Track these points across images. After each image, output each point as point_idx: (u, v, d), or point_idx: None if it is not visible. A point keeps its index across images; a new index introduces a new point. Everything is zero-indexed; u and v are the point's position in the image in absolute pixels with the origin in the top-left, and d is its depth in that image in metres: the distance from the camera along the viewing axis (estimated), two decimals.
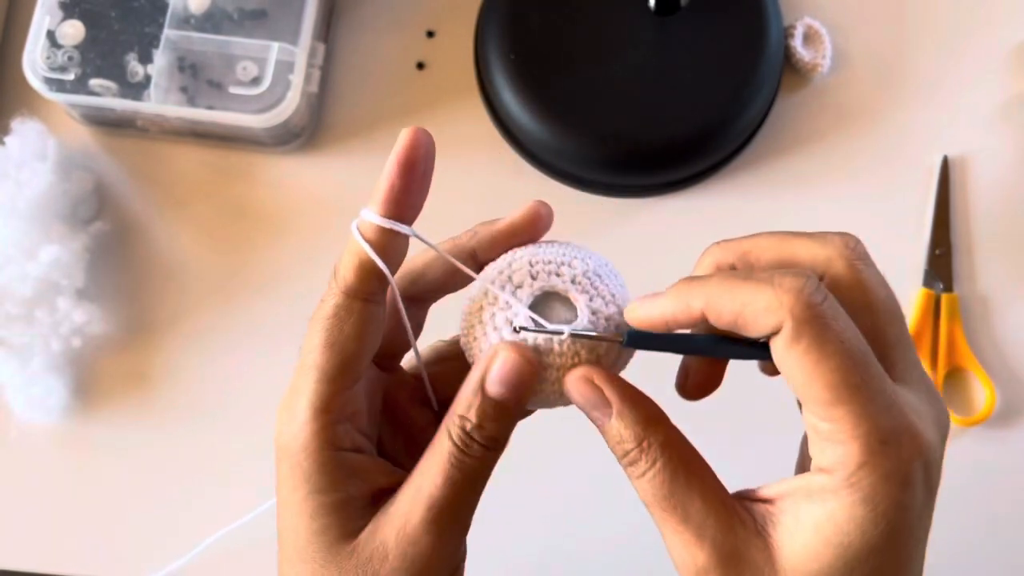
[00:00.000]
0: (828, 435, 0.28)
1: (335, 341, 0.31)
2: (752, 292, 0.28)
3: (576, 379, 0.31)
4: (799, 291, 0.28)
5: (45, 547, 0.56)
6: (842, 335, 0.28)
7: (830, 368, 0.27)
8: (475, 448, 0.30)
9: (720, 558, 0.29)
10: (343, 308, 0.31)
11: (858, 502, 0.28)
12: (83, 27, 0.56)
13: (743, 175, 0.60)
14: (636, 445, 0.30)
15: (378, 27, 0.62)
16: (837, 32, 0.61)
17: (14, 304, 0.55)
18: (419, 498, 0.30)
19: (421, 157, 0.30)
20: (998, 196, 0.60)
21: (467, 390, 0.31)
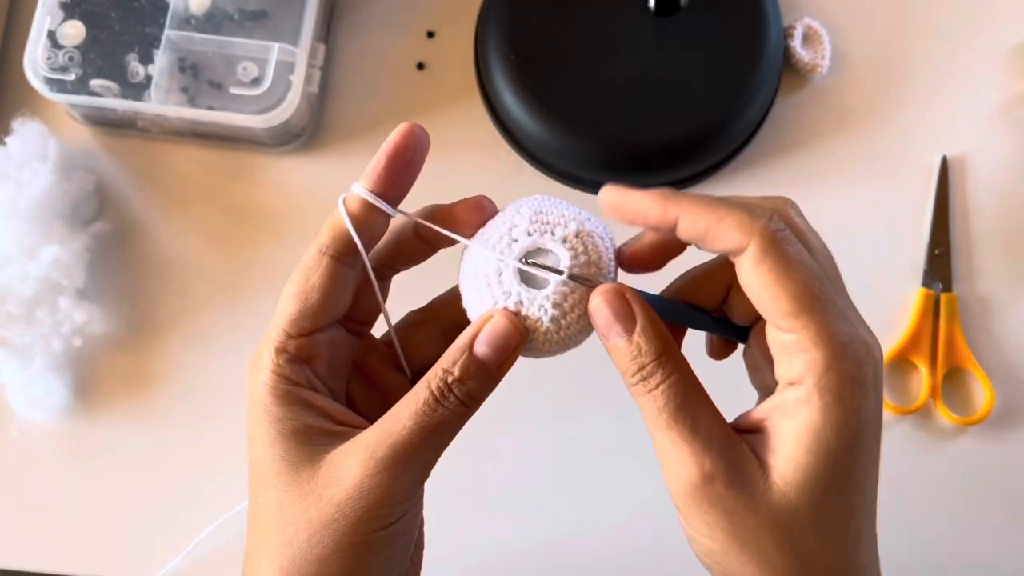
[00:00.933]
0: (794, 345, 0.31)
1: (301, 291, 0.34)
2: (726, 210, 0.32)
3: (609, 290, 0.33)
4: (766, 217, 0.32)
5: (45, 547, 0.56)
6: (800, 255, 0.32)
7: (793, 282, 0.31)
8: (451, 400, 0.32)
9: (725, 467, 0.31)
10: (314, 261, 0.34)
11: (830, 404, 0.31)
12: (84, 27, 0.56)
13: (743, 175, 0.60)
14: (655, 359, 0.32)
15: (378, 27, 0.62)
16: (836, 32, 0.61)
17: (15, 304, 0.55)
18: (386, 436, 0.32)
19: (411, 147, 0.34)
20: (997, 196, 0.60)
21: (456, 346, 0.33)
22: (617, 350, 0.33)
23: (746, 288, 0.32)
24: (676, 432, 0.31)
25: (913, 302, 0.58)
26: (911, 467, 0.56)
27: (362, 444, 0.32)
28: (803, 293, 0.31)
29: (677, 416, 0.31)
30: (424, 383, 0.33)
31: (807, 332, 0.31)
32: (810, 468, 0.31)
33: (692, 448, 0.31)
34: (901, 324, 0.58)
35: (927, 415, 0.57)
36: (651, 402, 0.32)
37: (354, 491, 0.32)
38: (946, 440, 0.57)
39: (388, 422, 0.32)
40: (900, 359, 0.57)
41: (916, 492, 0.56)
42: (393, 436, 0.32)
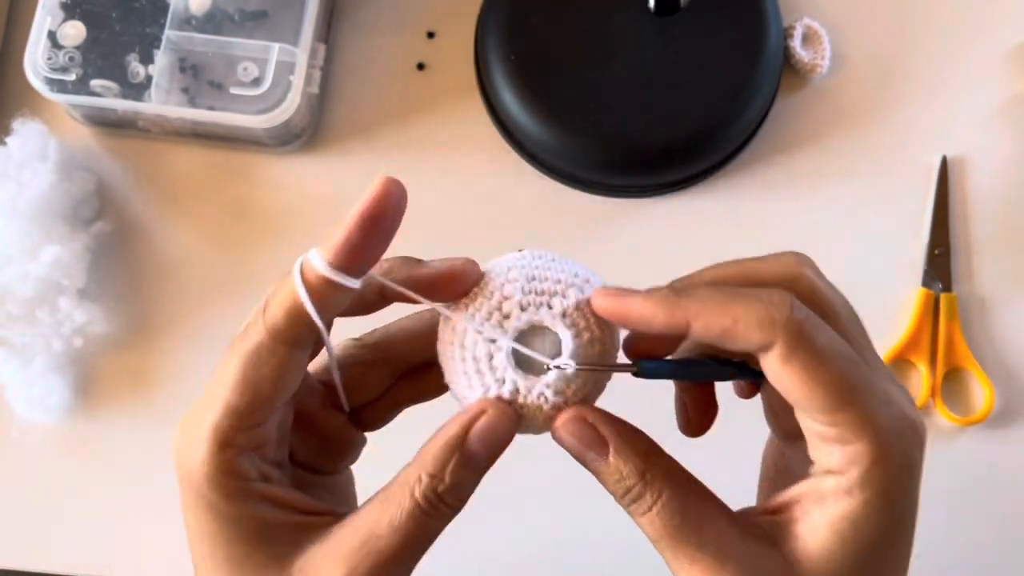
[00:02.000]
0: (835, 437, 0.28)
1: (250, 380, 0.29)
2: (744, 308, 0.28)
3: (569, 420, 0.30)
4: (789, 308, 0.28)
5: (46, 546, 0.56)
6: (832, 344, 0.28)
7: (829, 376, 0.28)
8: (443, 509, 0.29)
9: (734, 570, 0.28)
10: (265, 349, 0.29)
11: (873, 497, 0.28)
12: (84, 28, 0.56)
13: (743, 175, 0.60)
14: (639, 479, 0.29)
15: (379, 28, 0.62)
16: (836, 33, 0.61)
17: (15, 304, 0.55)
18: (370, 547, 0.29)
19: (389, 211, 0.29)
20: (997, 196, 0.60)
21: (441, 446, 0.29)
22: (599, 474, 0.30)
23: (777, 385, 0.29)
24: (683, 554, 0.29)
25: (913, 302, 0.58)
26: None
27: (340, 553, 0.29)
28: (841, 387, 0.28)
29: (679, 537, 0.29)
30: (406, 488, 0.29)
31: (851, 425, 0.28)
32: (846, 562, 0.29)
33: (702, 567, 0.28)
34: (901, 324, 0.58)
35: (927, 415, 0.57)
36: (648, 526, 0.29)
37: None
38: (946, 440, 0.57)
39: (367, 528, 0.29)
40: (900, 359, 0.57)
41: None
42: (375, 548, 0.29)
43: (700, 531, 0.29)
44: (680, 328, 0.29)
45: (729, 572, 0.28)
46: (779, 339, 0.28)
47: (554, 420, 0.30)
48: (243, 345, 0.29)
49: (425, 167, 0.60)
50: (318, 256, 0.29)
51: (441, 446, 0.29)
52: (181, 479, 0.31)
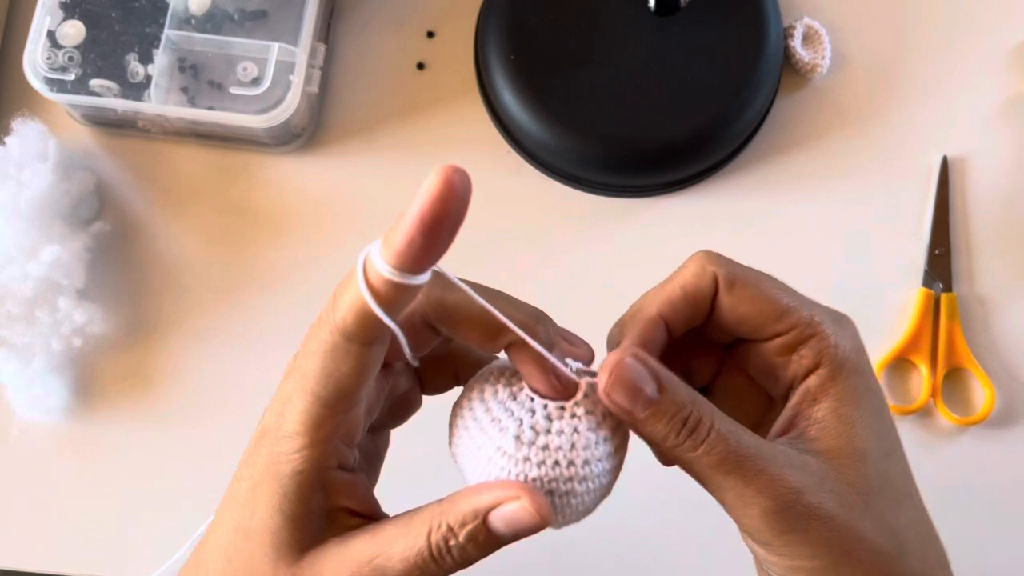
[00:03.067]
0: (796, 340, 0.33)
1: (331, 374, 0.29)
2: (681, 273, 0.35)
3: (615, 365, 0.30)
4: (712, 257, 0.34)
5: (46, 547, 0.56)
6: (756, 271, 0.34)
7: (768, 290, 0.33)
8: (448, 562, 0.30)
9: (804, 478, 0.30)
10: (341, 349, 0.29)
11: (851, 374, 0.32)
12: (84, 27, 0.56)
13: (743, 175, 0.60)
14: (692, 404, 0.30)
15: (378, 27, 0.62)
16: (836, 32, 0.61)
17: (15, 304, 0.55)
18: (377, 568, 0.30)
19: (452, 211, 0.26)
20: (998, 196, 0.60)
21: (469, 508, 0.30)
22: (656, 410, 0.30)
23: (733, 318, 0.33)
24: (748, 469, 0.30)
25: (913, 302, 0.58)
26: (911, 467, 0.56)
27: (349, 562, 0.30)
28: (780, 296, 0.33)
29: (741, 456, 0.30)
30: (424, 528, 0.30)
31: (802, 324, 0.32)
32: (863, 434, 0.31)
33: (768, 477, 0.30)
34: (901, 324, 0.58)
35: (927, 415, 0.57)
36: (707, 455, 0.30)
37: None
38: (946, 440, 0.57)
39: (381, 548, 0.30)
40: (900, 359, 0.57)
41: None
42: (381, 571, 0.30)
43: (758, 447, 0.30)
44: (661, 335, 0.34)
45: (792, 475, 0.30)
46: (720, 276, 0.33)
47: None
48: (318, 343, 0.30)
49: (425, 167, 0.60)
50: (380, 259, 0.27)
51: (469, 509, 0.30)
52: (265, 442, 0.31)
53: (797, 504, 0.30)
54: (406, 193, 0.64)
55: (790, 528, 0.30)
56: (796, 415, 0.33)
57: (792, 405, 0.33)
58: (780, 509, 0.30)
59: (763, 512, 0.30)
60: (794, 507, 0.30)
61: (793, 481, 0.30)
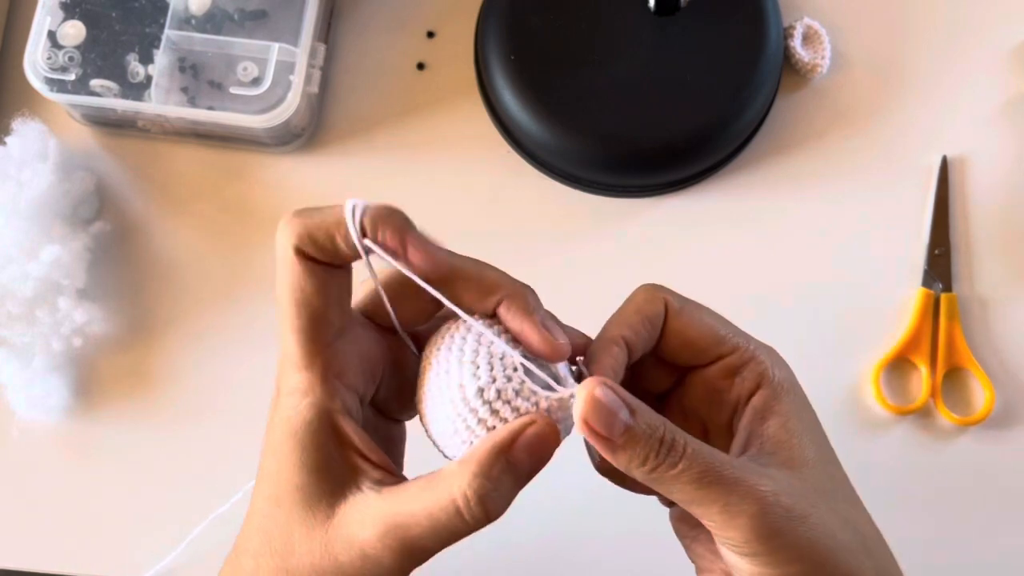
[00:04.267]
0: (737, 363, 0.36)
1: (299, 299, 0.33)
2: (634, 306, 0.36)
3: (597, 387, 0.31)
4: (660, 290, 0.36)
5: (46, 546, 0.56)
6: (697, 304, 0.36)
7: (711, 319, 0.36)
8: (477, 512, 0.31)
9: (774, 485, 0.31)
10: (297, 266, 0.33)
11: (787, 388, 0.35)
12: (84, 27, 0.56)
13: (743, 175, 0.60)
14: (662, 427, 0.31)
15: (378, 28, 0.62)
16: (836, 32, 0.61)
17: (15, 304, 0.55)
18: (402, 525, 0.31)
19: None
20: (997, 196, 0.60)
21: (488, 449, 0.31)
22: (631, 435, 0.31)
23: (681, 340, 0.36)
24: (727, 479, 0.31)
25: (913, 302, 0.58)
26: (911, 467, 0.56)
27: (375, 519, 0.31)
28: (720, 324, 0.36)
29: (716, 473, 0.31)
30: (450, 483, 0.31)
31: (742, 348, 0.36)
32: (811, 447, 0.34)
33: (747, 485, 0.31)
34: (901, 324, 0.58)
35: (927, 415, 0.57)
36: (685, 474, 0.31)
37: (357, 560, 0.31)
38: (946, 440, 0.57)
39: (406, 507, 0.31)
40: (900, 359, 0.57)
41: (916, 492, 0.56)
42: (406, 529, 0.31)
43: (730, 460, 0.31)
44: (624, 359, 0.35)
45: (766, 484, 0.31)
46: (668, 302, 0.36)
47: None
48: (279, 266, 0.34)
49: (425, 167, 0.60)
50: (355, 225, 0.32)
51: (488, 449, 0.31)
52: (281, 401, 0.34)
53: (778, 506, 0.31)
54: (406, 193, 0.64)
55: (776, 532, 0.31)
56: (750, 435, 0.35)
57: (744, 426, 0.35)
58: (765, 513, 0.30)
59: (750, 519, 0.30)
60: (776, 509, 0.31)
61: (769, 487, 0.31)
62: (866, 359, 0.57)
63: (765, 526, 0.31)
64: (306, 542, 0.32)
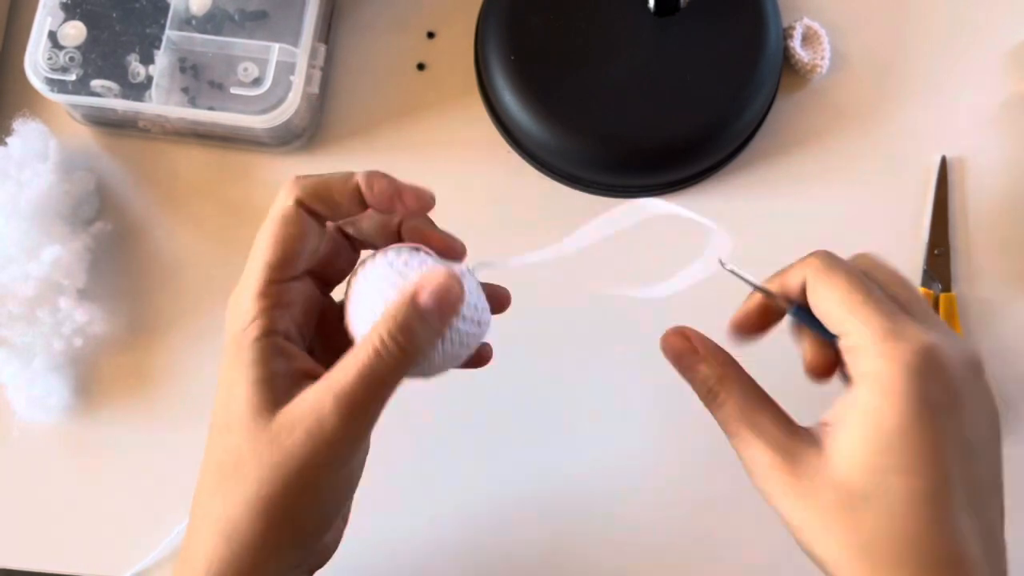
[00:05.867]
0: (847, 346, 0.36)
1: (279, 238, 0.37)
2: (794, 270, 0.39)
3: (672, 334, 0.39)
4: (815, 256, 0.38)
5: (46, 546, 0.56)
6: (844, 271, 0.37)
7: (838, 292, 0.36)
8: (392, 348, 0.35)
9: (783, 456, 0.36)
10: (290, 211, 0.37)
11: (873, 389, 0.34)
12: (85, 28, 0.56)
13: (742, 175, 0.60)
14: (717, 382, 0.38)
15: (379, 28, 0.62)
16: (836, 33, 0.62)
17: (16, 304, 0.55)
18: (332, 386, 0.34)
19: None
20: (997, 196, 0.60)
21: (399, 300, 0.35)
22: (691, 374, 0.39)
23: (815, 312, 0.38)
24: (742, 435, 0.37)
25: None
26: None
27: (312, 395, 0.35)
28: (846, 298, 0.36)
29: (742, 422, 0.37)
30: (369, 335, 0.35)
31: (854, 330, 0.36)
32: (863, 450, 0.34)
33: (756, 444, 0.36)
34: None
35: None
36: (722, 414, 0.38)
37: (302, 437, 0.34)
38: None
39: (336, 373, 0.35)
40: None
41: None
42: (339, 387, 0.34)
43: (757, 421, 0.37)
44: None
45: (771, 451, 0.36)
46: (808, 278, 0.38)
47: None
48: (272, 215, 0.38)
49: (425, 167, 0.60)
50: None
51: (398, 300, 0.36)
52: (228, 336, 0.37)
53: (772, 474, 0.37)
54: None
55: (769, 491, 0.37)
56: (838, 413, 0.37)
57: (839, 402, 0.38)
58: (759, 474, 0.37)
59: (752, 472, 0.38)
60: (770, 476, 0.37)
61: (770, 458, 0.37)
62: None
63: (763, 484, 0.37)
64: (254, 448, 0.34)
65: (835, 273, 0.37)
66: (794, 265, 0.39)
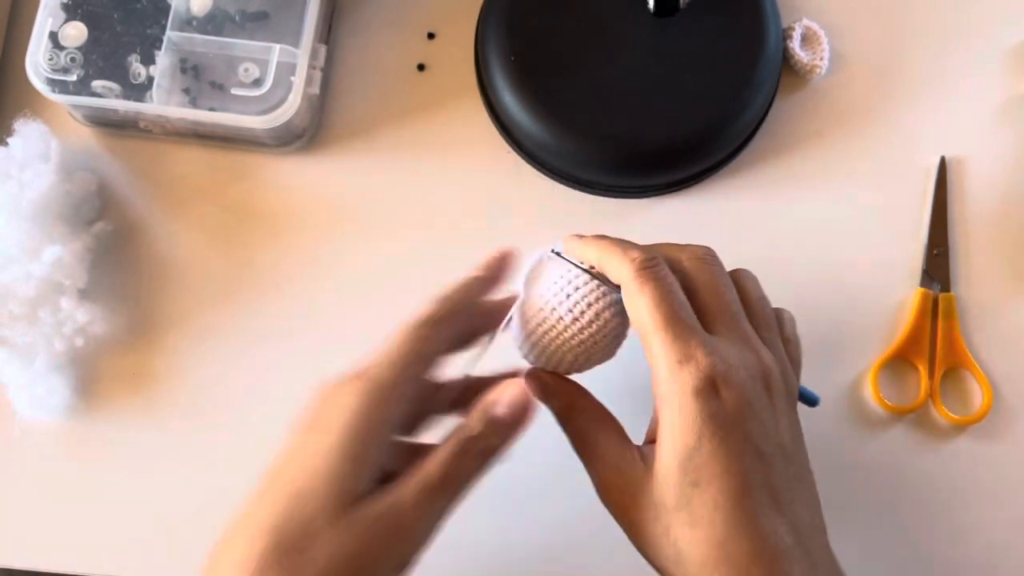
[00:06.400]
0: (651, 364, 0.38)
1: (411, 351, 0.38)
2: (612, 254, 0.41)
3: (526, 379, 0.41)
4: (635, 259, 0.40)
5: (47, 545, 0.56)
6: (654, 282, 0.39)
7: (644, 308, 0.38)
8: (473, 451, 0.38)
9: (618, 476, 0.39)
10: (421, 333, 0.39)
11: (671, 410, 0.37)
12: (85, 28, 0.56)
13: (742, 176, 0.60)
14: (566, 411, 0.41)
15: (379, 29, 0.62)
16: (835, 33, 0.62)
17: (17, 304, 0.55)
18: (416, 479, 0.36)
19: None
20: (996, 196, 0.60)
21: (480, 406, 0.39)
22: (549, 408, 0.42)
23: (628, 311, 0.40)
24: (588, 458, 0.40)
25: (911, 302, 0.58)
26: (909, 466, 0.56)
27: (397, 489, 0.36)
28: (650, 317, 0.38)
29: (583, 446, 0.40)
30: (455, 434, 0.38)
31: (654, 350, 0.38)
32: (669, 466, 0.37)
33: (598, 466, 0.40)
34: (899, 324, 0.58)
35: (925, 415, 0.57)
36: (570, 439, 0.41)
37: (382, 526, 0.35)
38: (944, 439, 0.57)
39: (423, 466, 0.37)
40: (898, 359, 0.58)
41: (914, 491, 0.56)
42: (422, 480, 0.36)
43: (595, 445, 0.40)
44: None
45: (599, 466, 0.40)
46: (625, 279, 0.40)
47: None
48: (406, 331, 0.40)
49: (425, 167, 0.60)
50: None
51: (478, 409, 0.39)
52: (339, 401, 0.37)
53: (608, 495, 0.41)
54: (406, 193, 0.64)
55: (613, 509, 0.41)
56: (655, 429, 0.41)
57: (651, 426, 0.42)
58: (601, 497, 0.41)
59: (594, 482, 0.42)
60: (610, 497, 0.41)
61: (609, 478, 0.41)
62: (864, 359, 0.58)
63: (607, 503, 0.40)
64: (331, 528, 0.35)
65: (646, 284, 0.39)
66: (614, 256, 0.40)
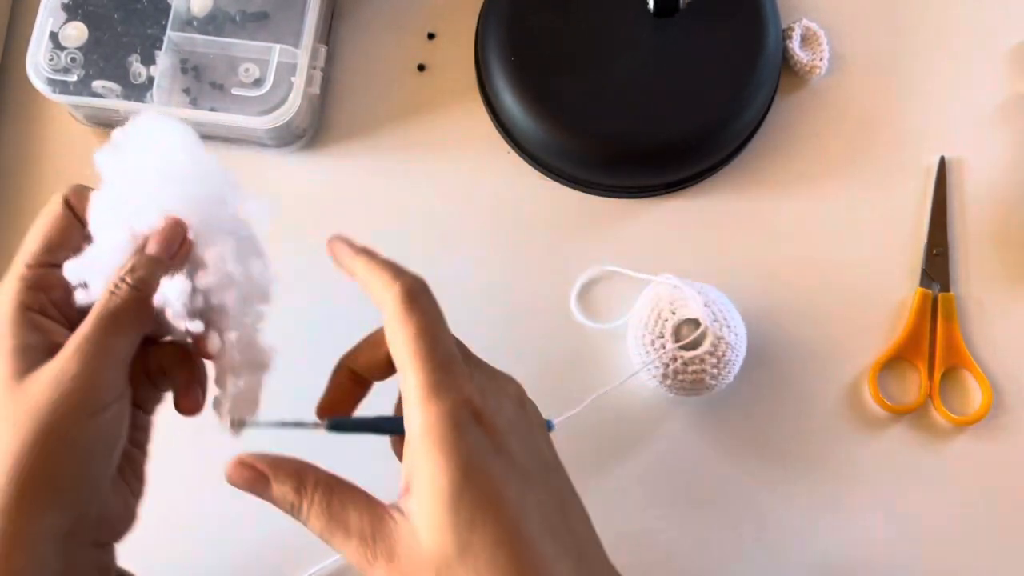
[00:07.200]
0: (405, 397, 0.37)
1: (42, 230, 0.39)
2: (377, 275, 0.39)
3: (234, 466, 0.39)
4: (401, 284, 0.38)
5: None
6: (419, 313, 0.38)
7: (405, 337, 0.37)
8: (123, 288, 0.37)
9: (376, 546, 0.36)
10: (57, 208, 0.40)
11: (425, 448, 0.35)
12: (86, 29, 0.56)
13: (742, 176, 0.61)
14: (296, 495, 0.38)
15: (379, 29, 0.62)
16: (835, 34, 0.62)
17: None
18: (74, 337, 0.36)
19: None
20: (995, 197, 0.60)
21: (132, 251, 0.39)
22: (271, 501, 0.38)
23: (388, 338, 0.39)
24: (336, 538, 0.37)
25: (911, 302, 0.58)
26: (909, 467, 0.56)
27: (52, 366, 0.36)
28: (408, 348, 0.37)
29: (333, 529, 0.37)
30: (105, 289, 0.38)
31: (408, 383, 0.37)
32: (435, 512, 0.35)
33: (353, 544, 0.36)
34: (899, 324, 0.58)
35: (924, 415, 0.57)
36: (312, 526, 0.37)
37: (49, 383, 0.35)
38: (943, 439, 0.57)
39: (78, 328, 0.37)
40: (898, 359, 0.58)
41: (913, 491, 0.56)
42: (76, 335, 0.36)
43: (345, 518, 0.37)
44: None
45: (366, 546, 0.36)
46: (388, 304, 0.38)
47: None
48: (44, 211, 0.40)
49: (425, 167, 0.61)
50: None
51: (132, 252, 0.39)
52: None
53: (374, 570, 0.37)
54: (407, 193, 0.64)
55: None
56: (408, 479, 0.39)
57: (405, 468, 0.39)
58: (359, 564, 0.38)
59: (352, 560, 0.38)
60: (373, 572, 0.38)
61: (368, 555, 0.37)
62: (864, 358, 0.58)
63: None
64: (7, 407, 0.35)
65: (411, 313, 0.37)
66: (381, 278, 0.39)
